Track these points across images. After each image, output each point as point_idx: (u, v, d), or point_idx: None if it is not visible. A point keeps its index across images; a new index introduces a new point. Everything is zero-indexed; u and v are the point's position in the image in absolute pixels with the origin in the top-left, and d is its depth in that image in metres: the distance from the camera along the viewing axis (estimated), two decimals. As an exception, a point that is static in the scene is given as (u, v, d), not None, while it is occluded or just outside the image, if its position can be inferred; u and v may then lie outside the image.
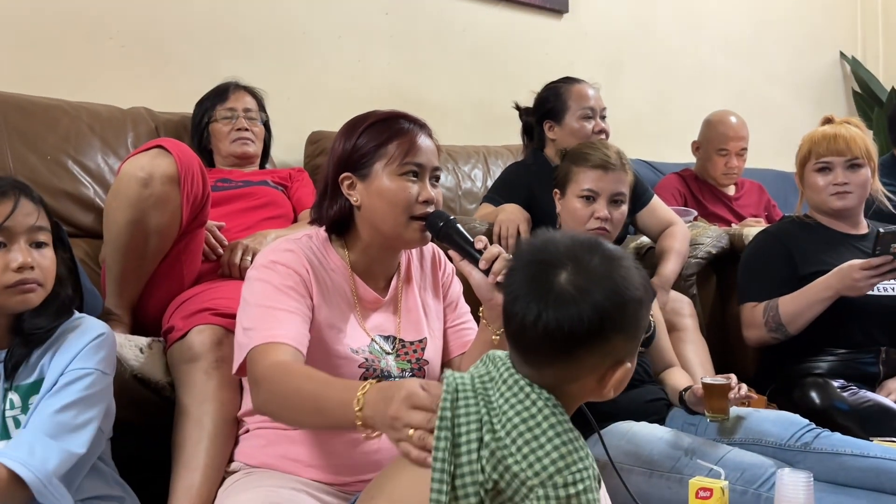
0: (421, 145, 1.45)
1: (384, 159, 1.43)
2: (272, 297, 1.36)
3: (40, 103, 2.28)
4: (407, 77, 3.24)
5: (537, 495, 0.96)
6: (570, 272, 1.01)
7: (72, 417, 1.34)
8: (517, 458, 0.98)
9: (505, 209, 2.32)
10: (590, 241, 1.06)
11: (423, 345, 1.54)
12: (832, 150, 2.28)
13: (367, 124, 1.48)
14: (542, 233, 1.09)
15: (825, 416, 2.00)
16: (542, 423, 1.00)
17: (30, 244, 1.36)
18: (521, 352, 1.05)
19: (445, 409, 1.02)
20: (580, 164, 2.06)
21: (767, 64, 4.52)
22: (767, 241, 2.36)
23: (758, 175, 3.63)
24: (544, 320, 0.99)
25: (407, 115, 1.50)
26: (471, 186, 3.08)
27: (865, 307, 2.19)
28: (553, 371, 1.03)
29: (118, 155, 2.30)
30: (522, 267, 1.06)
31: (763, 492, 1.64)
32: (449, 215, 1.45)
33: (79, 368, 1.37)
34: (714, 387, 1.80)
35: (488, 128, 3.40)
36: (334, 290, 1.47)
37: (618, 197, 2.04)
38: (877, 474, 1.68)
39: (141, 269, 1.78)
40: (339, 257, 1.50)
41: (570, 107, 2.54)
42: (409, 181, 1.43)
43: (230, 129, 2.39)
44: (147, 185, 1.69)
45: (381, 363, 1.46)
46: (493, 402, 1.03)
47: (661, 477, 1.75)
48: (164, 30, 2.66)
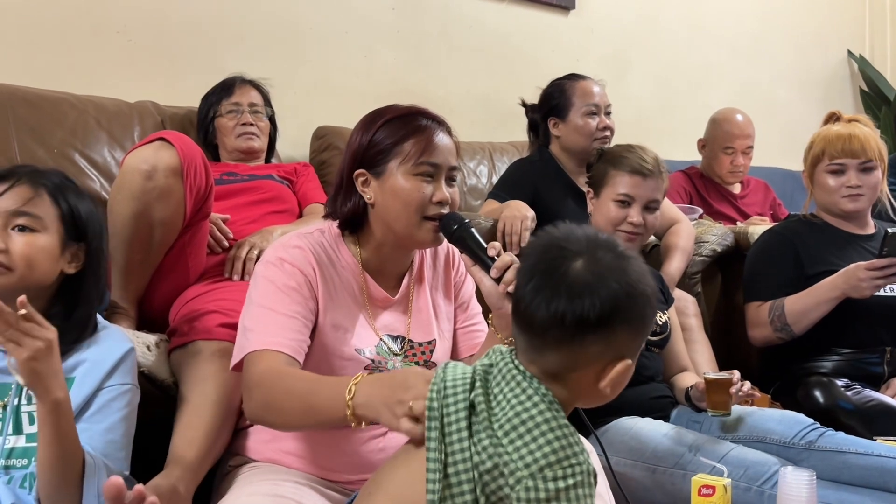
0: (438, 144, 1.42)
1: (399, 157, 1.41)
2: (275, 298, 1.36)
3: (47, 97, 2.28)
4: (413, 72, 3.24)
5: (525, 486, 0.96)
6: (586, 261, 1.03)
7: (120, 436, 1.36)
8: (508, 450, 0.98)
9: (510, 206, 2.31)
10: (607, 239, 1.08)
11: (431, 346, 1.52)
12: (847, 152, 2.25)
13: (385, 120, 1.45)
14: (563, 226, 1.10)
15: (829, 415, 1.99)
16: (536, 416, 1.00)
17: (9, 227, 1.34)
18: (527, 335, 1.05)
19: (433, 399, 1.03)
20: (618, 168, 2.04)
21: (774, 62, 4.51)
22: (774, 241, 2.35)
23: (763, 173, 3.62)
24: (556, 304, 1.00)
25: (426, 112, 1.47)
26: (476, 183, 3.08)
27: (871, 307, 2.18)
28: (556, 356, 1.04)
29: (124, 148, 2.30)
30: (538, 253, 1.07)
31: (766, 489, 1.65)
32: (464, 218, 1.42)
33: (118, 385, 1.38)
34: (715, 381, 1.80)
35: (494, 124, 3.39)
36: (343, 287, 1.45)
37: (653, 204, 2.04)
38: (881, 473, 1.68)
39: (146, 261, 1.78)
40: (351, 254, 1.48)
41: (574, 103, 2.54)
42: (423, 181, 1.41)
43: (235, 123, 2.39)
44: (150, 177, 1.68)
45: (389, 364, 1.44)
46: (491, 396, 1.04)
47: (665, 473, 1.75)
48: (170, 24, 2.67)
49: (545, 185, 2.47)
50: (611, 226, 2.03)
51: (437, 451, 1.00)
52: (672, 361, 2.10)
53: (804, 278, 2.24)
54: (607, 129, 2.53)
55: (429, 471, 1.00)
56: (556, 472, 0.96)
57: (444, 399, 1.04)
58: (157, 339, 1.72)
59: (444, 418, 1.02)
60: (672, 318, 2.12)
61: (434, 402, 1.03)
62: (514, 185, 2.53)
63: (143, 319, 1.85)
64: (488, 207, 2.50)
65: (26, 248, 1.34)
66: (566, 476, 0.97)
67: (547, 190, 2.45)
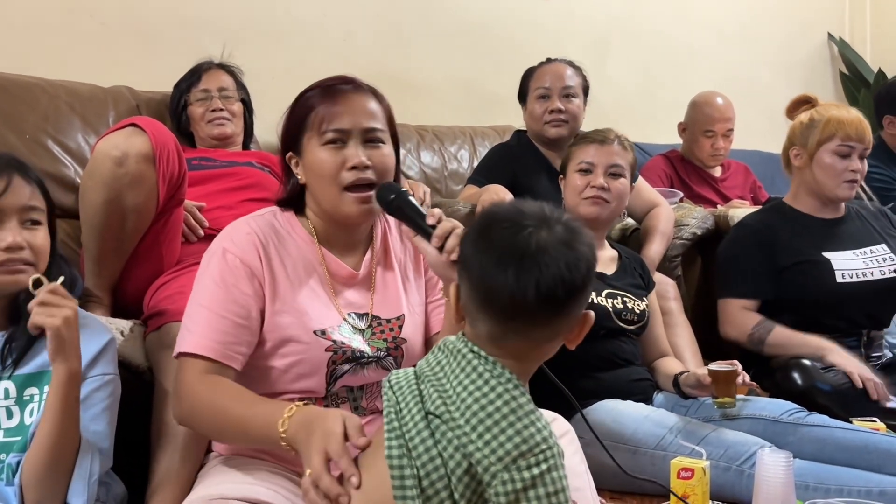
0: (343, 108, 1.36)
1: (310, 131, 1.37)
2: (212, 295, 1.32)
3: (18, 81, 2.24)
4: (393, 56, 3.21)
5: (502, 479, 0.95)
6: (547, 232, 1.01)
7: (104, 426, 1.37)
8: (478, 445, 0.97)
9: (488, 189, 2.31)
10: (542, 209, 1.04)
11: (400, 322, 1.45)
12: (859, 137, 2.22)
13: (298, 97, 1.42)
14: (494, 208, 1.08)
15: (807, 396, 2.00)
16: (497, 402, 0.99)
17: (22, 223, 1.34)
18: (498, 319, 1.02)
19: (391, 419, 1.03)
20: (577, 144, 2.11)
21: (755, 45, 4.51)
22: (745, 234, 2.34)
23: (744, 156, 3.63)
24: (543, 282, 0.98)
25: (337, 79, 1.41)
26: (457, 167, 3.07)
27: (848, 294, 2.20)
28: (538, 333, 1.02)
29: (99, 134, 2.26)
30: (487, 237, 1.03)
31: (745, 469, 1.67)
32: (401, 187, 1.36)
33: (101, 375, 1.38)
34: (721, 374, 1.80)
35: (475, 108, 3.38)
36: (301, 267, 1.40)
37: (614, 169, 2.05)
38: (865, 446, 1.71)
39: (119, 249, 1.76)
40: (307, 232, 1.43)
41: (530, 88, 2.58)
42: (333, 149, 1.35)
43: (205, 110, 2.36)
44: (122, 164, 1.66)
45: (354, 343, 1.38)
46: (449, 390, 1.02)
47: (645, 455, 1.76)
48: (146, 7, 2.63)
49: (523, 169, 2.47)
50: (577, 195, 2.04)
51: (402, 468, 0.99)
52: (652, 346, 2.10)
53: (776, 271, 2.25)
54: (558, 111, 2.50)
55: (395, 488, 0.99)
56: (530, 460, 0.96)
57: (400, 413, 1.03)
58: (131, 324, 1.71)
59: (404, 435, 1.01)
60: (652, 301, 2.12)
61: (394, 422, 1.03)
62: (492, 169, 2.54)
63: (117, 307, 1.84)
64: (467, 192, 2.50)
65: (42, 242, 1.36)
66: (539, 462, 0.96)
67: (525, 174, 2.45)
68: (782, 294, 2.25)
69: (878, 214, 2.42)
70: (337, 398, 1.39)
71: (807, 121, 2.29)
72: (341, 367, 1.37)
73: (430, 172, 3.01)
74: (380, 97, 1.43)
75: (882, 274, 2.23)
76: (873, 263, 2.25)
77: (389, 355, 1.42)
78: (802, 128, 2.30)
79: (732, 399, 1.81)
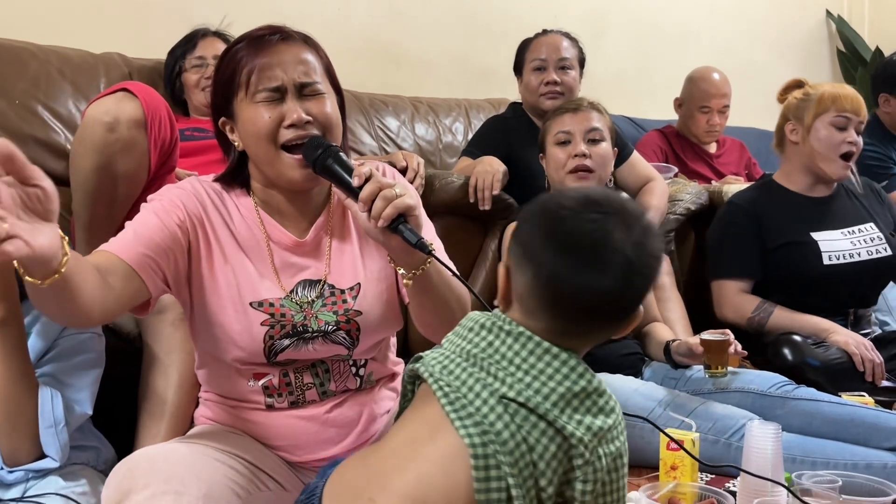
0: (270, 62, 1.24)
1: (239, 92, 1.25)
2: (142, 218, 1.24)
3: (8, 46, 2.21)
4: (388, 29, 3.18)
5: (599, 455, 0.96)
6: (622, 231, 0.95)
7: (80, 378, 1.37)
8: (573, 426, 0.95)
9: (482, 161, 2.30)
10: (612, 200, 0.99)
11: (355, 292, 1.32)
12: (854, 109, 2.22)
13: (221, 56, 1.31)
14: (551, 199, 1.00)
15: (797, 371, 2.02)
16: (582, 386, 0.97)
17: None
18: (571, 324, 0.98)
19: (463, 404, 0.96)
20: (551, 118, 2.09)
21: (752, 22, 4.48)
22: (736, 214, 2.33)
23: (740, 133, 3.62)
24: (621, 292, 0.95)
25: (256, 30, 1.29)
26: (452, 140, 3.06)
27: (834, 277, 2.20)
28: (600, 335, 1.02)
29: (90, 101, 2.25)
30: (561, 233, 0.96)
31: (734, 441, 1.68)
32: (329, 143, 1.23)
33: (77, 333, 1.39)
34: (714, 343, 1.81)
35: (470, 81, 3.36)
36: (243, 236, 1.30)
37: (592, 135, 2.03)
38: (851, 420, 1.72)
39: (110, 216, 1.74)
40: (250, 199, 1.33)
41: (526, 59, 2.55)
42: (266, 106, 1.24)
43: (199, 77, 2.34)
44: (113, 129, 1.64)
45: (296, 317, 1.27)
46: (526, 377, 0.97)
47: (635, 427, 1.76)
48: (137, -27, 2.59)
49: (518, 141, 2.46)
50: (560, 170, 2.03)
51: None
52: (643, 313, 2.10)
53: (765, 252, 2.25)
54: (554, 83, 2.48)
55: (477, 468, 0.93)
56: (614, 433, 0.98)
57: (455, 383, 0.98)
58: (121, 292, 1.69)
59: (470, 402, 0.96)
60: None
61: (452, 395, 0.97)
62: (486, 141, 2.52)
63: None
64: (462, 164, 2.49)
65: None
66: (621, 433, 1.00)
67: (519, 145, 2.44)
68: (770, 274, 2.26)
69: (868, 191, 2.42)
70: (303, 385, 1.31)
71: (801, 96, 2.29)
72: (280, 342, 1.27)
73: (424, 145, 2.99)
74: (314, 45, 1.32)
75: (869, 254, 2.24)
76: (861, 243, 2.25)
77: (339, 329, 1.30)
78: (797, 102, 2.29)
79: (724, 369, 1.82)
